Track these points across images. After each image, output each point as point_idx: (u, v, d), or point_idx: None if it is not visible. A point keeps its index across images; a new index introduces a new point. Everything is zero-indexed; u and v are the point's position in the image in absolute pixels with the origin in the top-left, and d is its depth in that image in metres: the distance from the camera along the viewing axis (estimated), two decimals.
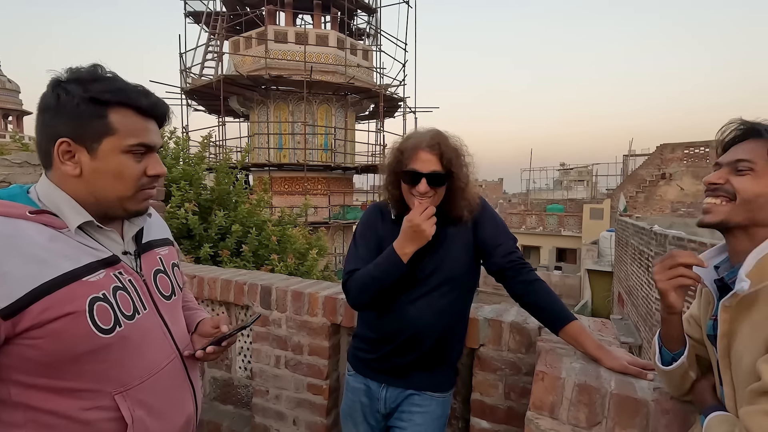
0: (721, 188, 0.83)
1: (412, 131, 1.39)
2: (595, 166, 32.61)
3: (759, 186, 0.80)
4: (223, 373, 2.18)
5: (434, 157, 1.26)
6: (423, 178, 1.25)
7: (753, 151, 0.82)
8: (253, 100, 14.68)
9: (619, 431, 1.02)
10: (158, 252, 0.99)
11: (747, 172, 0.81)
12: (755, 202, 0.80)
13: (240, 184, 5.38)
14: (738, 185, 0.81)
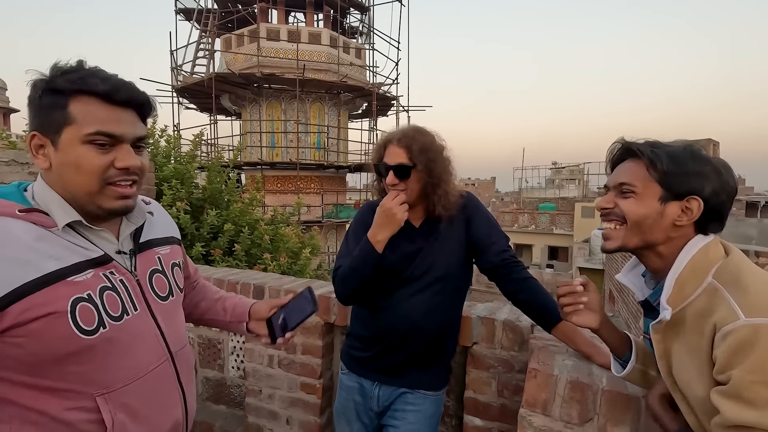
0: (612, 213, 0.84)
1: (394, 129, 1.42)
2: (587, 164, 32.89)
3: (642, 207, 0.81)
4: (216, 373, 2.17)
5: (402, 150, 1.31)
6: (390, 170, 1.30)
7: (633, 174, 0.83)
8: (245, 99, 14.58)
9: (610, 427, 1.04)
10: (158, 251, 0.96)
11: (630, 195, 0.82)
12: (644, 224, 0.81)
13: (232, 182, 5.34)
14: (625, 208, 0.82)
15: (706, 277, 0.75)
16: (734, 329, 0.66)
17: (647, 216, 0.80)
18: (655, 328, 0.81)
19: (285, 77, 12.98)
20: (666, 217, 0.80)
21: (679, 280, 0.77)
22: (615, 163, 0.90)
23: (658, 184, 0.80)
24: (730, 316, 0.67)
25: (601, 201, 0.88)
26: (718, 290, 0.72)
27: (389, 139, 1.35)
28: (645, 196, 0.81)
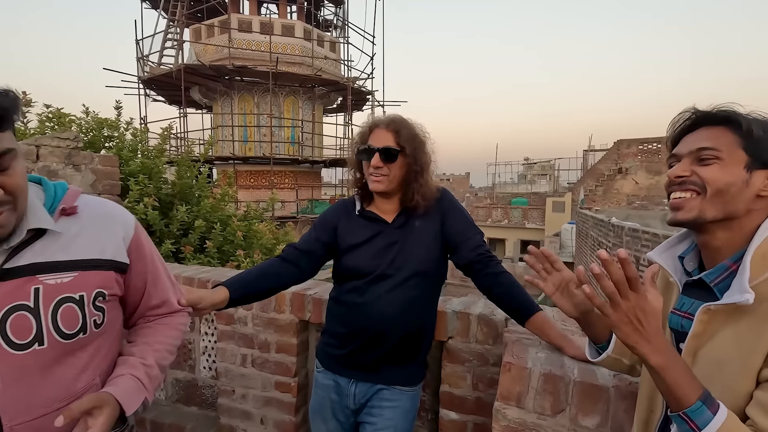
0: (688, 180, 0.76)
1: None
2: (557, 160, 33.82)
3: (728, 175, 0.72)
4: (187, 374, 2.10)
5: (390, 134, 1.31)
6: (376, 152, 1.30)
7: (715, 138, 0.74)
8: (216, 91, 14.20)
9: (581, 417, 1.06)
10: (42, 280, 0.73)
11: (713, 161, 0.74)
12: (728, 193, 0.72)
13: (203, 177, 5.19)
14: (706, 175, 0.74)
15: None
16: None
17: (732, 184, 0.72)
18: (710, 309, 0.72)
19: (257, 70, 12.72)
20: (751, 186, 0.72)
21: (753, 260, 0.70)
22: (679, 134, 0.82)
23: (743, 151, 0.72)
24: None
25: (675, 168, 0.78)
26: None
27: (376, 124, 1.34)
28: (730, 163, 0.73)
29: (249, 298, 1.35)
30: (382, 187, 1.32)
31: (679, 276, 0.83)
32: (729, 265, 0.74)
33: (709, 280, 0.76)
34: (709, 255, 0.79)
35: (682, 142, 0.80)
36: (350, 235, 1.39)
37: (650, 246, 6.15)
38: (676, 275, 0.83)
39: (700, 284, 0.78)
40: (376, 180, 1.32)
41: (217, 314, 1.91)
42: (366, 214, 1.40)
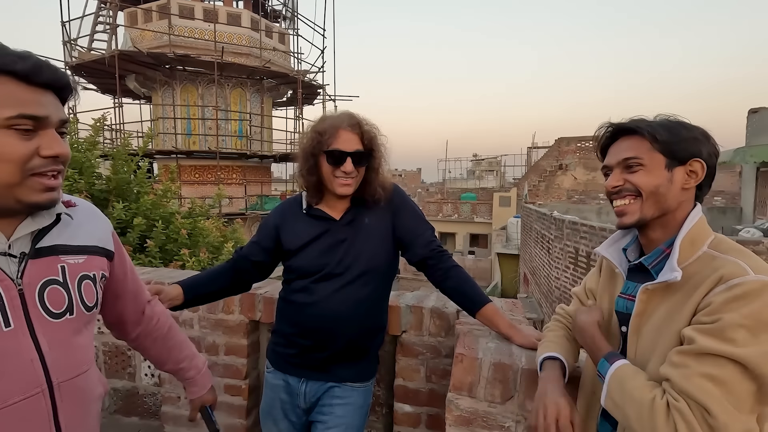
0: (623, 188, 0.87)
1: (325, 114, 1.36)
2: (504, 157, 35.22)
3: (654, 178, 0.84)
4: (126, 383, 1.97)
5: (356, 136, 1.27)
6: (348, 157, 1.25)
7: (635, 148, 0.85)
8: (155, 81, 13.33)
9: (529, 403, 1.11)
10: (64, 260, 0.82)
11: (638, 168, 0.85)
12: (658, 193, 0.83)
13: (142, 172, 4.86)
14: (636, 181, 0.85)
15: (701, 247, 0.81)
16: (744, 281, 0.70)
17: (660, 185, 0.83)
18: (646, 290, 0.84)
19: (201, 59, 12.09)
20: (675, 182, 0.83)
21: (682, 244, 0.81)
22: (605, 146, 0.93)
23: (660, 154, 0.83)
24: (740, 272, 0.71)
25: (610, 180, 0.88)
26: (717, 257, 0.78)
27: (339, 125, 1.28)
28: (653, 167, 0.84)
29: (200, 299, 1.41)
30: (351, 191, 1.30)
31: (623, 266, 0.95)
32: (663, 249, 0.86)
33: (648, 263, 0.87)
34: (648, 244, 0.90)
35: (609, 153, 0.92)
36: (295, 235, 1.35)
37: (588, 237, 6.57)
38: (621, 266, 0.95)
39: (642, 269, 0.89)
40: (345, 184, 1.28)
41: None
42: (312, 213, 1.36)
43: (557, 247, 7.76)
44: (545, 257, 8.68)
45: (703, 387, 0.69)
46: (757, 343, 0.67)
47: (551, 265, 8.10)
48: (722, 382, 0.68)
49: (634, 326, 0.86)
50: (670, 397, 0.72)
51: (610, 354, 0.86)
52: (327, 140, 1.26)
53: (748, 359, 0.67)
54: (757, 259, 0.75)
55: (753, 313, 0.68)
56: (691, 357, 0.71)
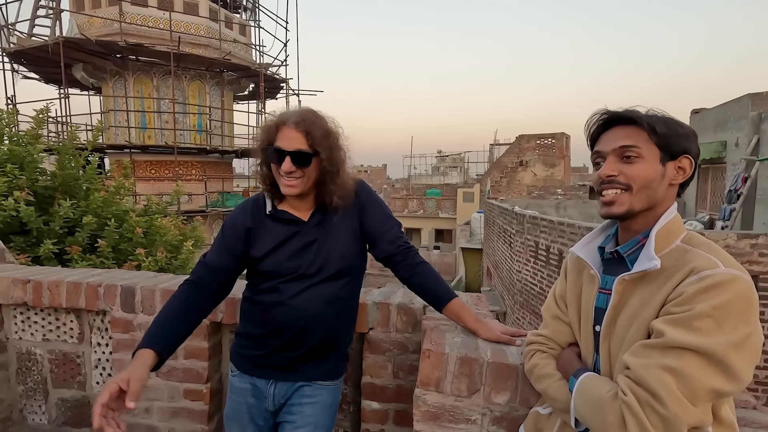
0: (615, 180, 0.85)
1: (285, 110, 1.30)
2: (467, 153, 35.88)
3: (650, 171, 0.83)
4: (75, 392, 1.85)
5: (300, 135, 1.20)
6: (287, 156, 1.19)
7: (634, 137, 0.83)
8: (105, 70, 12.58)
9: (494, 395, 1.13)
10: None
11: (637, 159, 0.83)
12: (650, 187, 0.83)
13: (92, 168, 4.57)
14: (632, 173, 0.83)
15: (675, 240, 0.82)
16: (715, 273, 0.72)
17: (653, 179, 0.82)
18: (625, 279, 0.84)
19: (156, 49, 11.51)
20: (666, 177, 0.83)
21: (658, 236, 0.82)
22: (596, 133, 0.90)
23: (656, 147, 0.83)
24: (711, 265, 0.73)
25: (604, 169, 0.86)
26: (689, 250, 0.79)
27: (283, 121, 1.21)
28: (650, 159, 0.83)
29: (177, 346, 1.20)
30: (295, 192, 1.23)
31: (597, 266, 0.94)
32: (640, 239, 0.87)
33: (624, 251, 0.88)
34: (626, 236, 0.90)
35: (601, 140, 0.90)
36: (264, 239, 1.29)
37: (547, 231, 6.81)
38: (596, 267, 0.94)
39: (617, 261, 0.90)
40: (289, 185, 1.21)
41: (112, 322, 1.70)
42: (278, 215, 1.31)
43: (518, 241, 8.00)
44: (507, 251, 8.93)
45: (660, 378, 0.70)
46: (721, 333, 0.69)
47: (513, 258, 8.35)
48: (682, 374, 0.69)
49: (609, 320, 0.86)
50: (621, 389, 0.74)
51: (579, 370, 0.89)
52: (269, 136, 1.22)
53: (712, 348, 0.68)
54: (727, 254, 0.77)
55: (721, 304, 0.69)
56: (656, 350, 0.72)
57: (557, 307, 1.04)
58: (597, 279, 0.93)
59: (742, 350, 0.70)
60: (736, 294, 0.70)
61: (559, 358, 0.99)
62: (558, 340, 1.02)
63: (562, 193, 16.15)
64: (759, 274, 4.55)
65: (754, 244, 4.56)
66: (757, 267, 4.55)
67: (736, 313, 0.70)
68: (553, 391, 0.94)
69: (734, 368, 0.69)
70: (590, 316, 0.93)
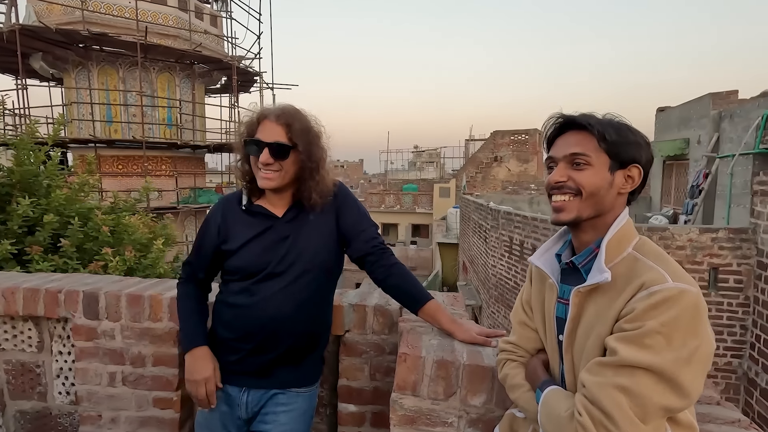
0: (565, 185, 0.85)
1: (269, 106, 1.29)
2: (443, 149, 36.16)
3: (598, 179, 0.83)
4: (35, 404, 1.75)
5: (280, 128, 1.21)
6: (266, 147, 1.20)
7: (584, 144, 0.84)
8: (67, 61, 11.97)
9: (470, 397, 1.13)
10: None
11: (586, 167, 0.83)
12: (598, 194, 0.83)
13: (53, 163, 4.34)
14: (581, 180, 0.83)
15: (627, 248, 0.82)
16: (663, 288, 0.72)
17: (601, 187, 0.83)
18: (579, 292, 0.85)
19: (121, 40, 11.03)
20: (614, 186, 0.84)
21: (609, 246, 0.82)
22: (552, 136, 0.90)
23: (606, 155, 0.83)
24: (660, 279, 0.74)
25: (554, 175, 0.86)
26: (639, 260, 0.79)
27: (265, 114, 1.23)
28: (598, 167, 0.83)
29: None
30: (272, 185, 1.23)
31: (555, 274, 0.94)
32: (593, 248, 0.87)
33: (578, 262, 0.88)
34: (579, 246, 0.91)
35: (555, 145, 0.90)
36: (236, 233, 1.28)
37: (521, 227, 6.94)
38: (553, 274, 0.94)
39: (573, 270, 0.90)
40: (266, 177, 1.22)
41: (75, 329, 1.62)
42: (253, 209, 1.30)
43: (493, 236, 8.13)
44: (482, 246, 9.06)
45: (613, 397, 0.71)
46: (671, 350, 0.70)
47: (488, 253, 8.48)
48: (633, 393, 0.70)
49: (569, 331, 0.87)
50: (576, 408, 0.75)
51: (544, 382, 0.90)
52: (250, 129, 1.23)
53: (662, 366, 0.70)
54: (675, 265, 0.78)
55: (670, 320, 0.70)
56: (610, 368, 0.73)
57: (524, 312, 1.05)
58: (556, 288, 0.93)
59: (692, 365, 0.71)
60: (684, 308, 0.71)
61: (527, 367, 1.00)
62: (526, 347, 1.03)
63: (535, 188, 16.49)
64: (718, 266, 4.77)
65: (714, 237, 4.77)
66: (716, 260, 4.77)
67: (684, 327, 0.71)
68: (523, 402, 0.96)
69: (684, 385, 0.71)
70: (553, 326, 0.94)
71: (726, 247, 4.73)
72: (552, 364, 0.95)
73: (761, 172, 4.42)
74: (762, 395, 4.30)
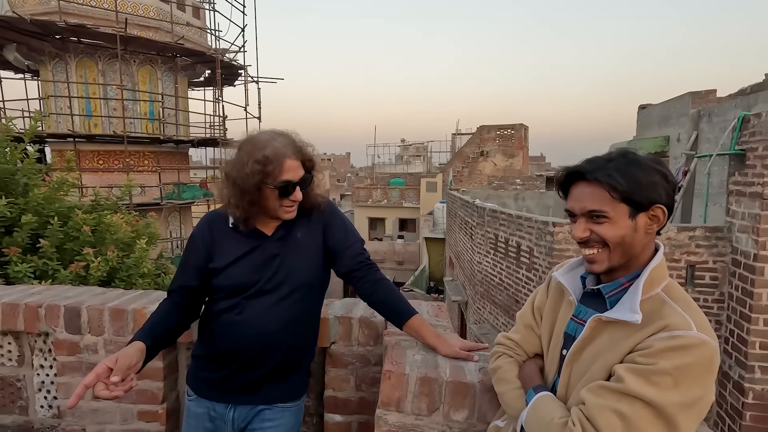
0: (591, 240, 0.87)
1: (256, 138, 1.24)
2: (430, 143, 36.21)
3: (620, 229, 0.84)
4: (17, 417, 1.73)
5: (299, 162, 1.25)
6: (297, 186, 1.24)
7: (597, 199, 0.85)
8: (43, 52, 11.60)
9: (453, 413, 1.16)
10: None
11: (604, 221, 0.84)
12: (624, 243, 0.85)
13: (30, 161, 4.22)
14: (603, 234, 0.85)
15: (656, 288, 0.84)
16: (685, 335, 0.75)
17: (625, 235, 0.84)
18: (600, 319, 0.86)
19: (100, 31, 10.72)
20: (639, 229, 0.85)
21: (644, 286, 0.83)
22: (564, 185, 0.92)
23: (623, 203, 0.83)
24: (686, 326, 0.76)
25: (576, 231, 0.88)
26: (667, 303, 0.82)
27: (284, 154, 1.21)
28: (617, 218, 0.84)
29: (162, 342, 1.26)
30: (295, 214, 1.28)
31: (577, 294, 0.97)
32: (623, 282, 0.89)
33: (606, 291, 0.90)
34: (609, 276, 0.92)
35: (570, 195, 0.91)
36: (225, 251, 1.27)
37: (506, 224, 7.03)
38: (575, 293, 0.97)
39: (596, 295, 0.92)
40: (291, 210, 1.26)
41: (56, 344, 1.60)
42: (241, 228, 1.29)
43: (479, 233, 8.21)
44: (468, 242, 9.15)
45: (610, 420, 0.74)
46: (676, 392, 0.73)
47: (474, 250, 8.57)
48: (630, 422, 0.73)
49: (576, 349, 0.90)
50: (572, 419, 0.78)
51: (539, 386, 0.94)
52: (272, 171, 1.19)
53: (664, 404, 0.72)
54: (701, 315, 0.80)
55: (684, 365, 0.73)
56: (613, 393, 0.76)
57: (533, 317, 1.08)
58: (573, 306, 0.96)
59: (691, 411, 0.74)
60: (699, 358, 0.74)
61: (523, 367, 1.03)
62: (526, 348, 1.06)
63: (520, 183, 16.68)
64: (695, 263, 4.92)
65: (692, 236, 4.91)
66: (693, 257, 4.91)
67: (694, 375, 0.74)
68: (508, 398, 0.99)
69: (679, 426, 0.73)
70: (560, 340, 0.96)
71: (702, 245, 4.88)
72: (547, 373, 0.99)
73: (736, 172, 4.56)
74: (734, 387, 4.47)
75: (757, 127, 4.29)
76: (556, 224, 5.47)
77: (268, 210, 1.26)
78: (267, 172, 1.19)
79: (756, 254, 4.20)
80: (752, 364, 4.27)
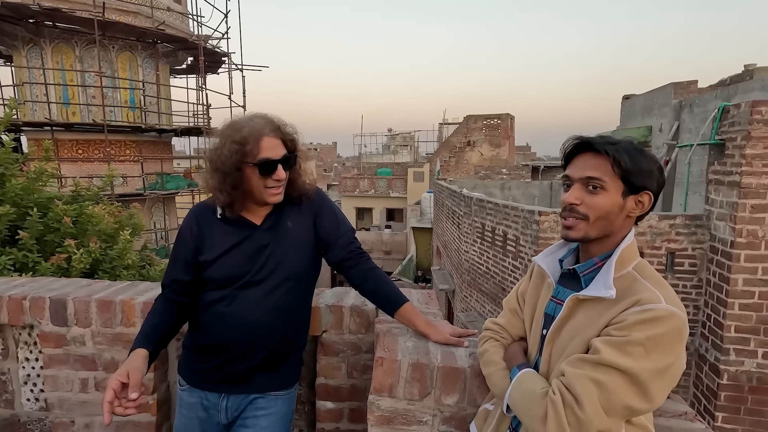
0: (576, 209, 0.90)
1: (234, 121, 1.24)
2: (417, 132, 36.14)
3: (610, 203, 0.88)
4: (2, 411, 1.70)
5: (279, 141, 1.23)
6: (278, 164, 1.20)
7: (600, 168, 0.88)
8: (16, 37, 11.16)
9: (444, 397, 1.19)
10: None
11: (600, 191, 0.88)
12: (607, 218, 0.89)
13: (6, 150, 4.08)
14: (593, 203, 0.88)
15: (628, 267, 0.88)
16: (656, 308, 0.79)
17: (611, 211, 0.88)
18: (578, 298, 0.90)
19: (76, 16, 10.36)
20: (624, 210, 0.89)
21: (616, 264, 0.88)
22: (569, 154, 0.95)
23: (620, 180, 0.87)
24: (656, 299, 0.80)
25: (569, 196, 0.91)
26: (638, 280, 0.86)
27: (261, 132, 1.19)
28: (612, 191, 0.88)
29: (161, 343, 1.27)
30: (281, 198, 1.25)
31: (555, 276, 1.02)
32: (597, 262, 0.93)
33: (581, 270, 0.95)
34: (585, 255, 0.97)
35: (572, 164, 0.95)
36: (215, 243, 1.26)
37: (493, 213, 7.10)
38: (553, 275, 1.02)
39: (573, 276, 0.97)
40: (277, 192, 1.23)
41: (42, 336, 1.58)
42: (230, 218, 1.28)
43: (466, 222, 8.28)
44: (456, 232, 9.23)
45: (586, 387, 0.79)
46: (649, 361, 0.78)
47: (461, 239, 8.64)
48: (605, 388, 0.78)
49: (555, 328, 0.94)
50: (552, 388, 0.83)
51: (522, 364, 0.98)
52: (251, 150, 1.17)
53: (637, 371, 0.77)
54: (670, 290, 0.85)
55: (655, 336, 0.78)
56: (590, 363, 0.81)
57: (517, 302, 1.13)
58: (552, 288, 1.01)
59: (663, 377, 0.79)
60: (670, 329, 0.79)
61: (508, 349, 1.08)
62: (511, 331, 1.12)
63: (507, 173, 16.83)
64: (675, 251, 5.05)
65: (672, 224, 5.04)
66: (673, 245, 5.05)
67: (665, 345, 0.79)
68: (495, 378, 1.04)
69: (652, 393, 0.79)
70: (540, 320, 1.01)
71: (682, 233, 5.01)
72: (530, 353, 1.04)
73: (716, 162, 4.68)
74: (710, 369, 4.65)
75: (736, 118, 4.39)
76: (541, 213, 5.55)
77: (253, 193, 1.23)
78: (246, 151, 1.17)
79: (733, 241, 4.34)
80: (727, 346, 4.44)
